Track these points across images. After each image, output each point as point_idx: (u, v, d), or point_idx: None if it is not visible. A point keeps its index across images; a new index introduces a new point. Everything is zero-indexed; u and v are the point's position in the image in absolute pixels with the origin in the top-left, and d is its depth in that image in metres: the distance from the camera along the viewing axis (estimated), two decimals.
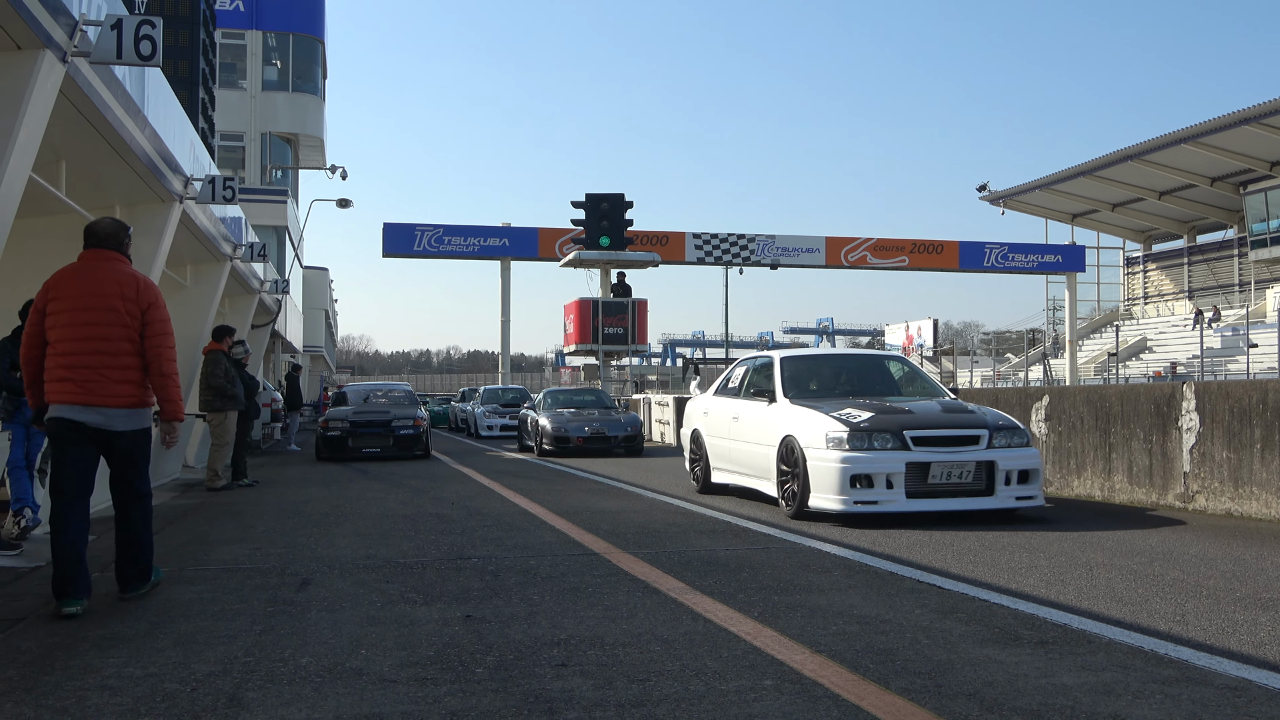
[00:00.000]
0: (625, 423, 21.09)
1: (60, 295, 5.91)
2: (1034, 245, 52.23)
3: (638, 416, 21.64)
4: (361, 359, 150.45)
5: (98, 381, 5.84)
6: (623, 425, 20.96)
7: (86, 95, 8.44)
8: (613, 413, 21.87)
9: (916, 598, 6.04)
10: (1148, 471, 10.95)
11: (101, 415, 5.88)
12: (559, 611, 5.74)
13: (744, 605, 5.85)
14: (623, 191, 30.95)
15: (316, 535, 9.14)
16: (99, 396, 5.84)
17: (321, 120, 40.86)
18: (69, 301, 5.88)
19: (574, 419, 21.07)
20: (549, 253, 44.75)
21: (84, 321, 5.85)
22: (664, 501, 11.73)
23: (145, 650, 4.99)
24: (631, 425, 21.03)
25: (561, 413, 21.53)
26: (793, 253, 47.97)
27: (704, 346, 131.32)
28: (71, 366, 5.83)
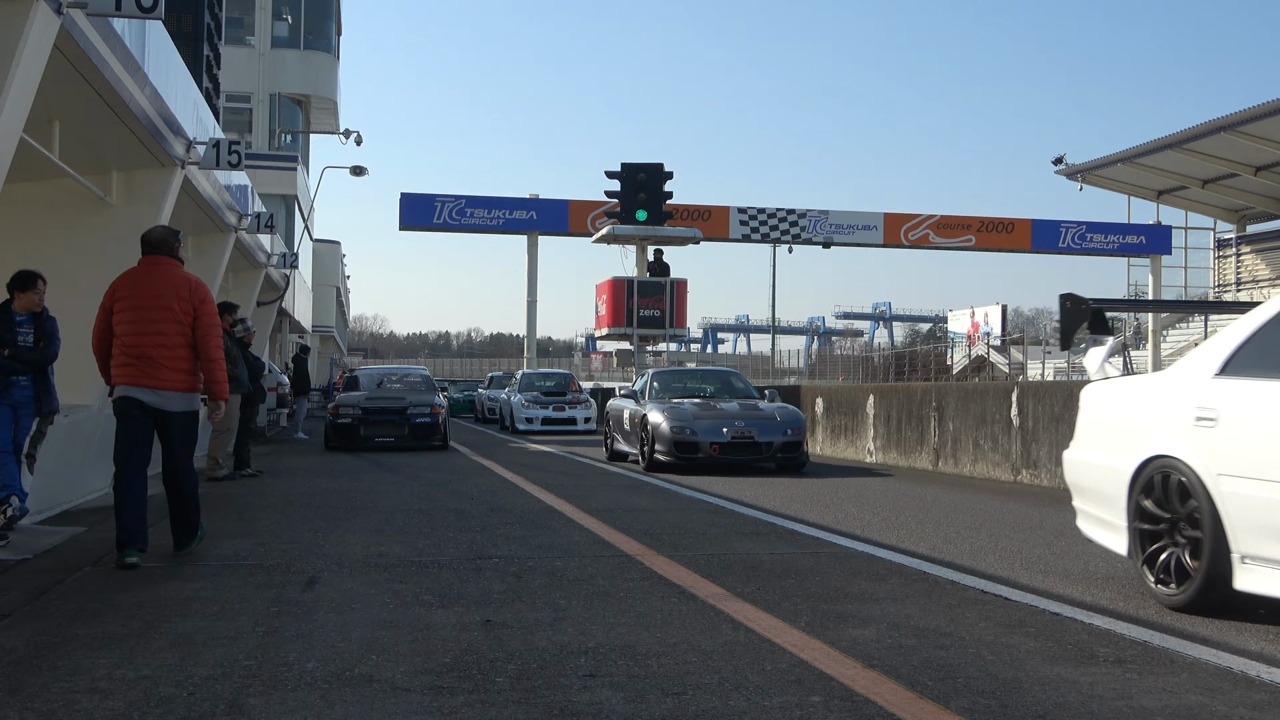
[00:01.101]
0: (782, 421, 15.67)
1: (124, 295, 7.63)
2: (1115, 225, 51.70)
3: (798, 412, 16.16)
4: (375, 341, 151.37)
5: (155, 368, 7.52)
6: (778, 426, 15.58)
7: (83, 50, 8.50)
8: (759, 406, 16.42)
9: (980, 609, 6.00)
10: None
11: (158, 396, 7.54)
12: (587, 617, 5.75)
13: (789, 614, 5.83)
14: (662, 161, 30.87)
15: (324, 530, 9.20)
16: (156, 380, 7.52)
17: (335, 81, 41.03)
18: (131, 301, 7.58)
19: (703, 414, 15.81)
20: (580, 227, 44.75)
21: (144, 319, 7.54)
22: (703, 500, 11.72)
23: (139, 651, 5.03)
24: (791, 426, 15.64)
25: (681, 405, 16.22)
26: (847, 230, 47.74)
27: (748, 332, 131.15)
28: (134, 356, 7.52)
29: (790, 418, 15.80)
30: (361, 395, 21.36)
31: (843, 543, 8.56)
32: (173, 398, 7.58)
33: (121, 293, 7.68)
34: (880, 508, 11.10)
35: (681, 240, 32.10)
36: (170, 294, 7.59)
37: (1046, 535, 9.13)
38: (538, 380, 30.80)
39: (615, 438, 18.00)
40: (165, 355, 7.54)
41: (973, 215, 49.39)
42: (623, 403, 17.87)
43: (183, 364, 7.61)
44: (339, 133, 39.22)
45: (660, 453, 15.53)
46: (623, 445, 17.62)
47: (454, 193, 44.23)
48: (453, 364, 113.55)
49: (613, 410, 18.33)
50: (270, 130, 38.36)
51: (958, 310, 69.39)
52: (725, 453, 15.37)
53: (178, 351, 7.58)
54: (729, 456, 15.40)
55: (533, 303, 45.64)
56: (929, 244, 48.95)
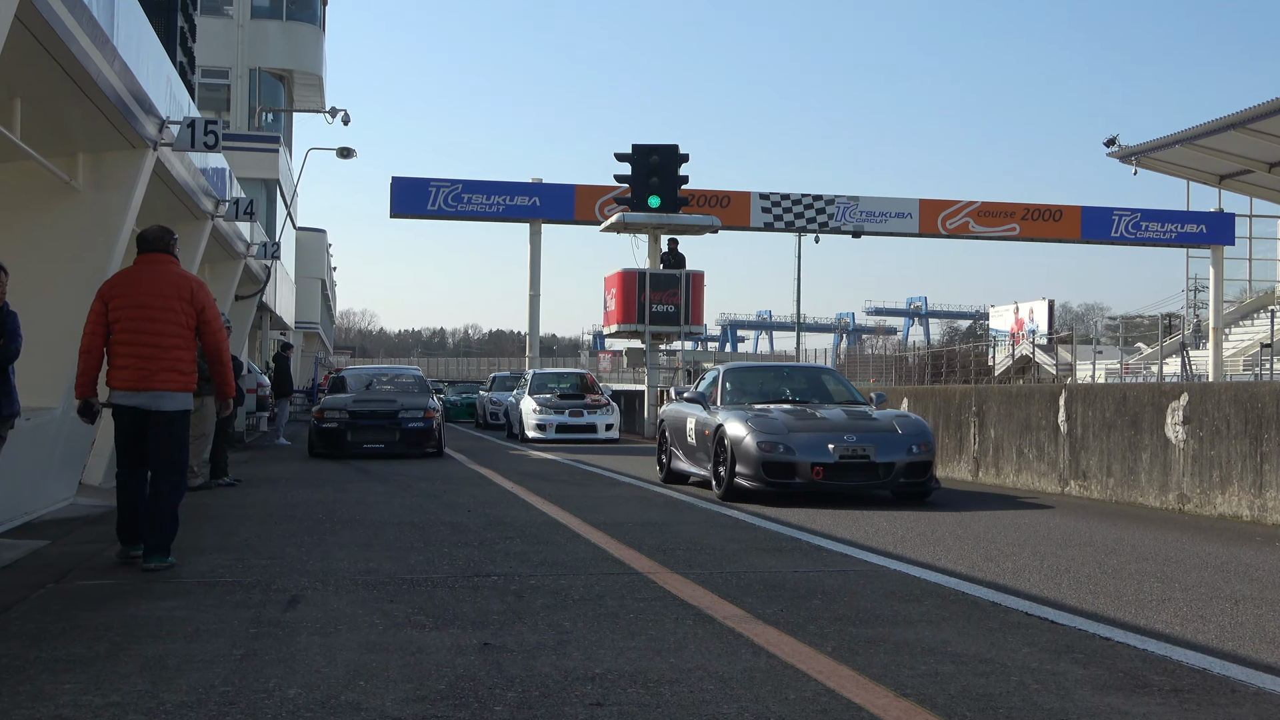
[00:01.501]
0: (905, 435, 13.02)
1: (121, 294, 8.07)
2: (1172, 212, 51.57)
3: (922, 422, 13.58)
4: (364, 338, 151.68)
5: (153, 369, 8.02)
6: (899, 441, 12.91)
7: (46, 21, 8.52)
8: (870, 414, 13.77)
9: (1024, 633, 6.00)
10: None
11: (149, 397, 8.04)
12: (594, 641, 5.75)
13: (815, 638, 5.83)
14: (676, 143, 30.88)
15: (308, 545, 9.22)
16: (152, 382, 8.02)
17: (321, 55, 41.10)
18: (130, 299, 8.05)
19: (800, 425, 13.09)
20: (587, 215, 44.78)
21: (143, 318, 8.02)
22: (723, 514, 11.72)
23: (107, 675, 5.05)
24: (917, 441, 12.97)
25: (769, 413, 13.46)
26: (879, 218, 47.70)
27: (770, 329, 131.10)
28: (130, 355, 8.02)
29: (914, 430, 13.15)
30: (349, 398, 21.40)
31: (873, 560, 8.55)
32: (164, 397, 8.08)
33: (118, 291, 8.11)
34: (913, 522, 11.08)
35: (698, 229, 32.11)
36: (172, 294, 8.10)
37: (1097, 553, 9.11)
38: (551, 381, 29.36)
39: (674, 454, 15.51)
40: (163, 356, 8.05)
41: (1017, 202, 49.31)
42: (686, 409, 15.30)
43: (181, 365, 8.13)
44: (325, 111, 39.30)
45: (743, 476, 12.79)
46: (684, 464, 15.14)
47: (450, 177, 44.27)
48: (448, 364, 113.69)
49: (671, 418, 15.88)
50: (250, 108, 38.45)
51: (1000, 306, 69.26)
52: (831, 477, 12.57)
53: (175, 353, 8.09)
54: (836, 482, 12.59)
55: (535, 297, 45.66)
56: (969, 233, 48.87)
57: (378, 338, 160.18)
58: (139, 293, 8.08)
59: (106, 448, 13.55)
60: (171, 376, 8.08)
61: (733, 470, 12.96)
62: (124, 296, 8.07)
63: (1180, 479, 12.34)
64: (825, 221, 47.44)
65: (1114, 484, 13.42)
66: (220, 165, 18.20)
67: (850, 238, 48.41)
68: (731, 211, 46.00)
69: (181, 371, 8.13)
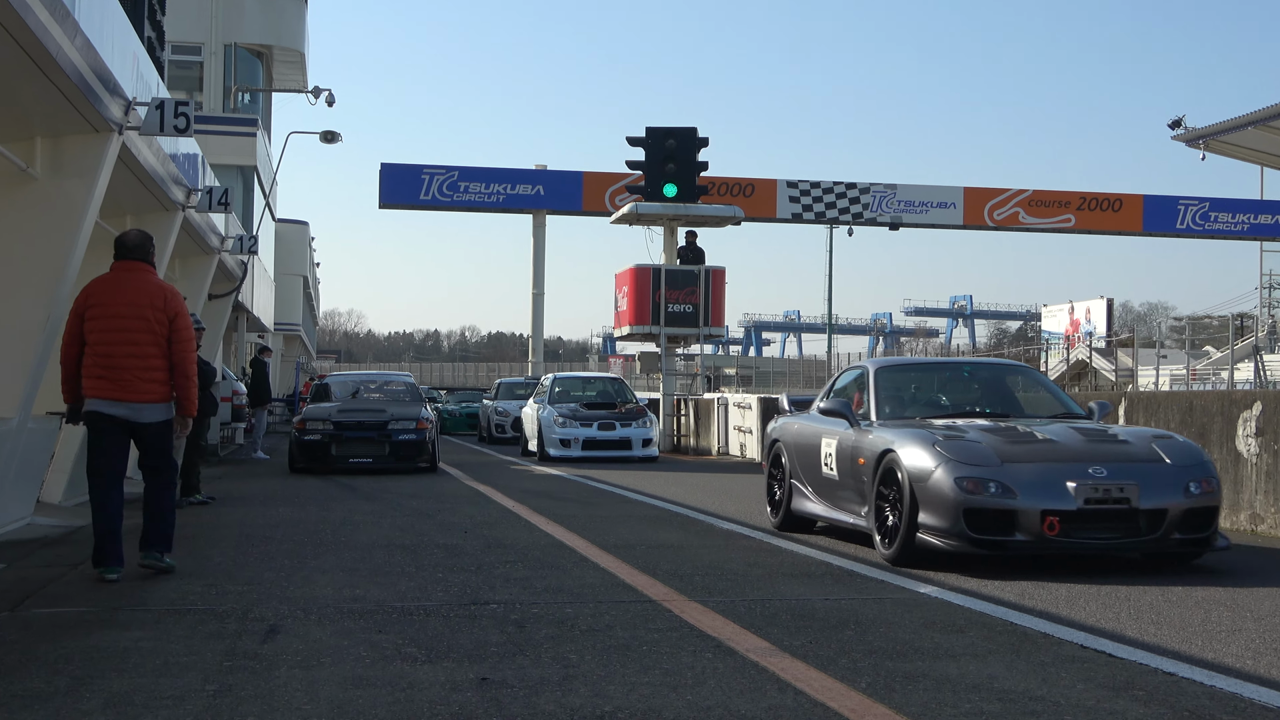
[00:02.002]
0: (1176, 467, 9.68)
1: (99, 303, 8.66)
2: (1245, 201, 51.46)
3: (1194, 446, 10.20)
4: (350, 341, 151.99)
5: (129, 380, 8.59)
6: (1169, 475, 9.61)
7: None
8: (1108, 432, 10.51)
9: (1078, 668, 5.99)
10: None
11: (130, 409, 8.64)
12: (603, 675, 5.76)
13: (848, 673, 5.83)
14: (695, 126, 30.92)
15: (289, 569, 9.24)
16: (129, 393, 8.60)
17: (303, 29, 41.20)
18: (106, 309, 8.63)
19: (1017, 450, 9.76)
20: (596, 205, 44.82)
21: (119, 328, 8.59)
22: (743, 535, 11.72)
23: (67, 712, 5.07)
24: (1196, 476, 9.63)
25: (961, 434, 10.12)
26: (919, 208, 47.67)
27: (799, 331, 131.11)
28: (107, 366, 8.59)
29: (1188, 457, 9.89)
30: (333, 407, 21.43)
31: (912, 586, 8.55)
32: (145, 408, 8.70)
33: (95, 299, 8.75)
34: None
35: (719, 220, 32.13)
36: (145, 302, 8.70)
37: (1159, 580, 9.08)
38: (575, 387, 27.79)
39: (800, 488, 12.07)
40: (138, 366, 8.65)
41: (1071, 190, 49.25)
42: (818, 425, 11.80)
43: (157, 374, 8.73)
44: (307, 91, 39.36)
45: (934, 529, 9.52)
46: (814, 504, 11.76)
47: (445, 163, 44.36)
48: (444, 369, 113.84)
49: (793, 438, 12.37)
50: (225, 88, 38.55)
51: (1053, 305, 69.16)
52: (1073, 531, 9.26)
53: (151, 362, 8.68)
54: (1080, 539, 9.32)
55: (539, 296, 45.73)
56: (1018, 225, 48.81)
57: (365, 341, 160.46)
58: (117, 303, 8.68)
59: (67, 462, 13.60)
60: (150, 387, 8.69)
61: (913, 518, 9.65)
62: (101, 306, 8.69)
63: (1253, 497, 12.31)
64: (859, 212, 47.41)
65: None
66: (192, 151, 18.25)
67: (887, 230, 48.38)
68: (756, 201, 46.00)
69: (160, 381, 8.75)
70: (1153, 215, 49.71)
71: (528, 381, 37.11)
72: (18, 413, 11.05)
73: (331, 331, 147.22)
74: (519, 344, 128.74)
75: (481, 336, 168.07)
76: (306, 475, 19.95)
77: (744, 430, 27.20)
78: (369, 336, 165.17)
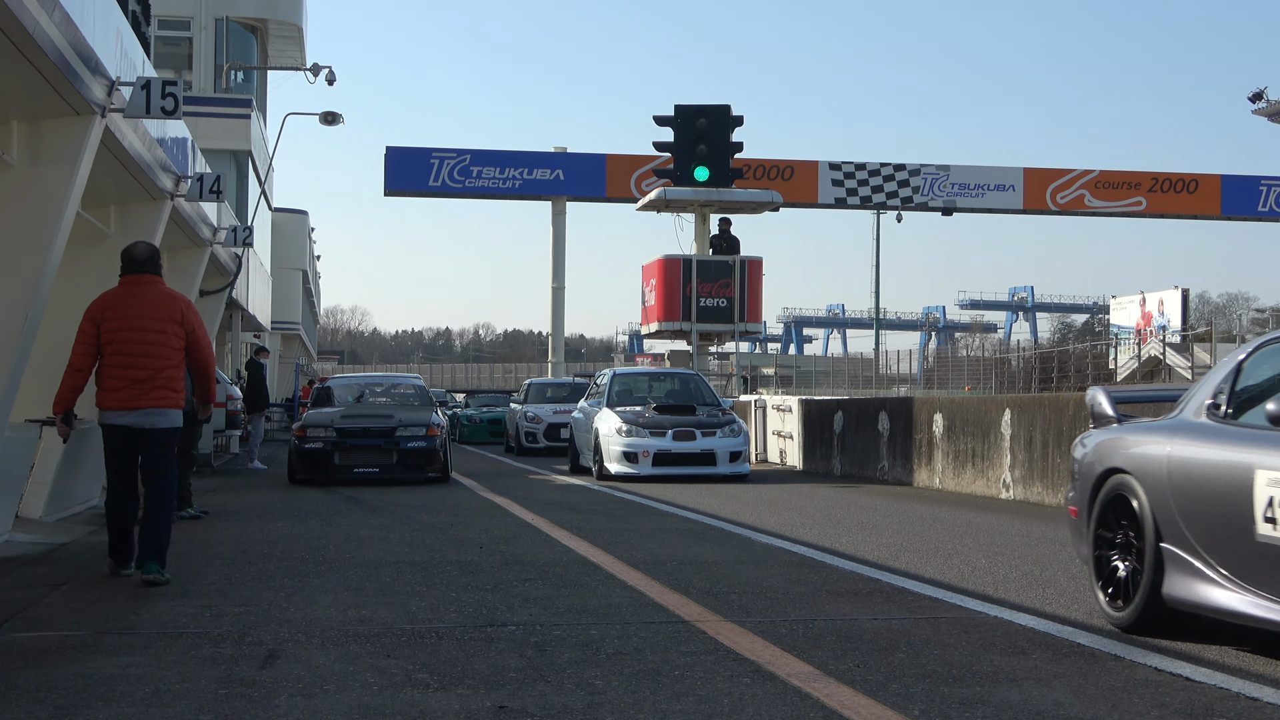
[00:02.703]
0: None
1: (115, 315, 9.58)
2: None
3: None
4: (354, 341, 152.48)
5: (147, 389, 9.57)
6: None
7: None
8: None
9: (1152, 692, 5.97)
10: None
11: (144, 416, 9.60)
12: (631, 703, 5.76)
13: (899, 699, 5.82)
14: (728, 103, 30.89)
15: (289, 589, 9.27)
16: (147, 400, 9.58)
17: (300, 1, 41.33)
18: (124, 321, 9.56)
19: None
20: (621, 190, 44.87)
21: (139, 340, 9.57)
22: (784, 549, 11.71)
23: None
24: None
25: None
26: (975, 191, 47.57)
27: (843, 326, 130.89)
28: (126, 377, 9.55)
29: None
30: (336, 412, 21.48)
31: (969, 605, 8.53)
32: (158, 415, 9.67)
33: (111, 313, 9.63)
34: (1019, 559, 11.04)
35: (755, 206, 32.11)
36: (164, 315, 9.70)
37: None
38: (641, 386, 24.31)
39: (1185, 560, 7.27)
40: (157, 376, 9.62)
41: (1142, 170, 49.10)
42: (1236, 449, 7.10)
43: (174, 383, 9.74)
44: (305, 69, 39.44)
45: None
46: (1230, 593, 6.95)
47: (456, 146, 44.43)
48: (456, 371, 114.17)
49: (1173, 472, 7.49)
50: (216, 66, 38.70)
51: (1123, 296, 68.87)
52: None
53: (168, 373, 9.69)
54: None
55: (559, 290, 45.79)
56: (1084, 208, 48.68)
57: (370, 340, 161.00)
58: (132, 314, 9.61)
59: (48, 474, 13.66)
60: (165, 394, 9.65)
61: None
62: (116, 319, 9.59)
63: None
64: (909, 196, 47.33)
65: None
66: (181, 135, 18.33)
67: (940, 215, 48.32)
68: (795, 185, 45.96)
69: (174, 390, 9.73)
70: (1232, 197, 49.48)
71: (562, 383, 36.53)
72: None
73: (334, 330, 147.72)
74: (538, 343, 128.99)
75: (497, 335, 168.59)
76: (307, 486, 20.00)
77: (784, 435, 27.19)
78: (374, 336, 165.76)
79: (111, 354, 9.60)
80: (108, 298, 9.81)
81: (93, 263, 15.83)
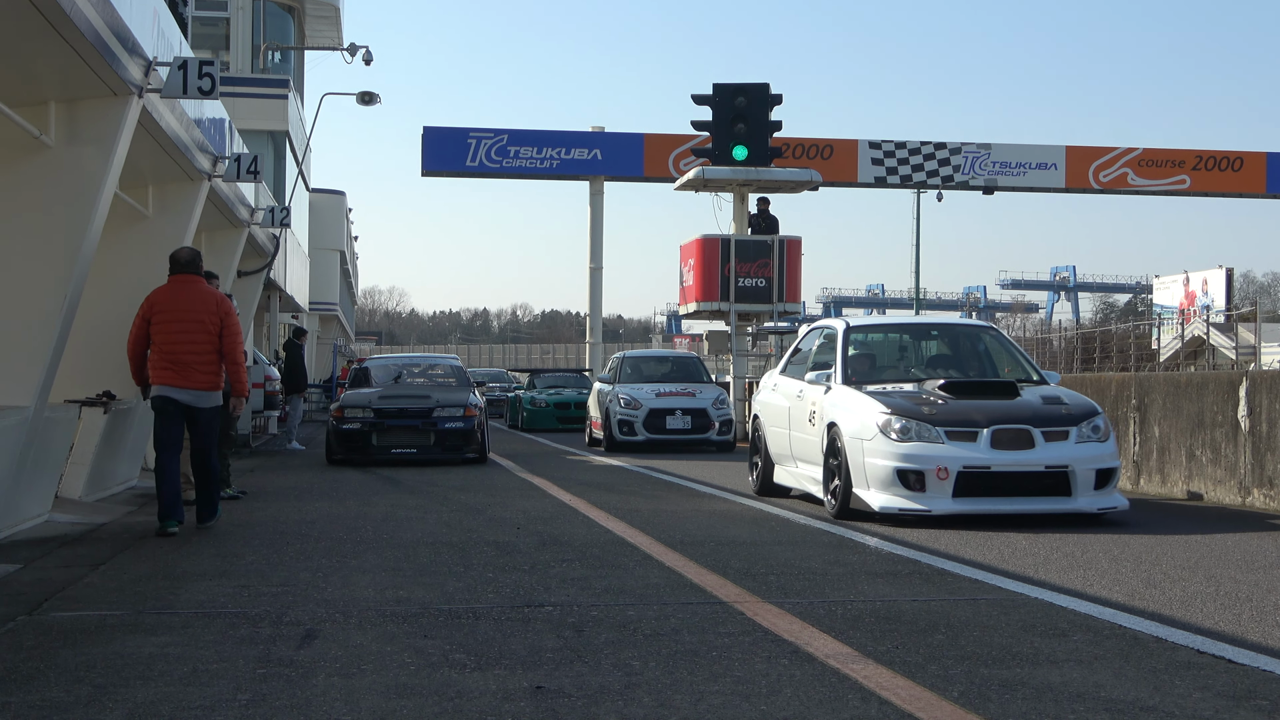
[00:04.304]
0: None
1: (163, 309, 11.61)
2: None
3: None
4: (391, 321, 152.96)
5: (189, 371, 11.52)
6: None
7: None
8: None
9: (1194, 675, 5.94)
10: None
11: (190, 395, 11.57)
12: (668, 684, 5.77)
13: (938, 681, 5.81)
14: (767, 81, 30.80)
15: (326, 569, 9.32)
16: (189, 381, 11.54)
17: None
18: (171, 314, 11.58)
19: None
20: (659, 170, 44.79)
21: (181, 330, 11.55)
22: (827, 531, 11.70)
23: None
24: None
25: None
26: (1016, 170, 47.30)
27: (883, 307, 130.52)
28: (171, 361, 11.52)
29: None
30: (374, 393, 21.55)
31: (1009, 586, 8.50)
32: (203, 395, 11.63)
33: (159, 307, 11.63)
34: (1060, 540, 11.00)
35: (794, 185, 32.01)
36: (202, 309, 11.63)
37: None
38: (891, 349, 15.39)
39: None
40: (197, 361, 11.54)
41: (1187, 148, 48.70)
42: None
43: (211, 367, 11.65)
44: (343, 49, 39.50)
45: None
46: None
47: (493, 126, 44.45)
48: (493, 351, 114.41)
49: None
50: (253, 46, 38.80)
51: (1166, 276, 68.49)
52: None
53: (207, 357, 11.60)
54: None
55: (597, 270, 45.76)
56: (1127, 187, 48.33)
57: (408, 321, 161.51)
58: (178, 309, 11.58)
59: (87, 454, 13.76)
60: (207, 378, 11.61)
61: None
62: (166, 312, 11.57)
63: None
64: (950, 175, 47.10)
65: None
66: (219, 115, 18.39)
67: (981, 194, 48.03)
68: (835, 164, 45.80)
69: (214, 372, 11.67)
70: (1278, 175, 49.04)
71: (665, 356, 30.43)
72: (33, 401, 11.17)
73: (371, 311, 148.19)
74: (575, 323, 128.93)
75: (535, 316, 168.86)
76: (345, 467, 20.09)
77: None
78: (412, 316, 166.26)
79: (159, 342, 11.52)
80: (156, 296, 11.73)
81: (130, 243, 15.92)
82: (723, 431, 24.81)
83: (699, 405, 24.81)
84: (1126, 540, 11.03)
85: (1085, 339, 62.93)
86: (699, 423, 24.61)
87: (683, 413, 24.66)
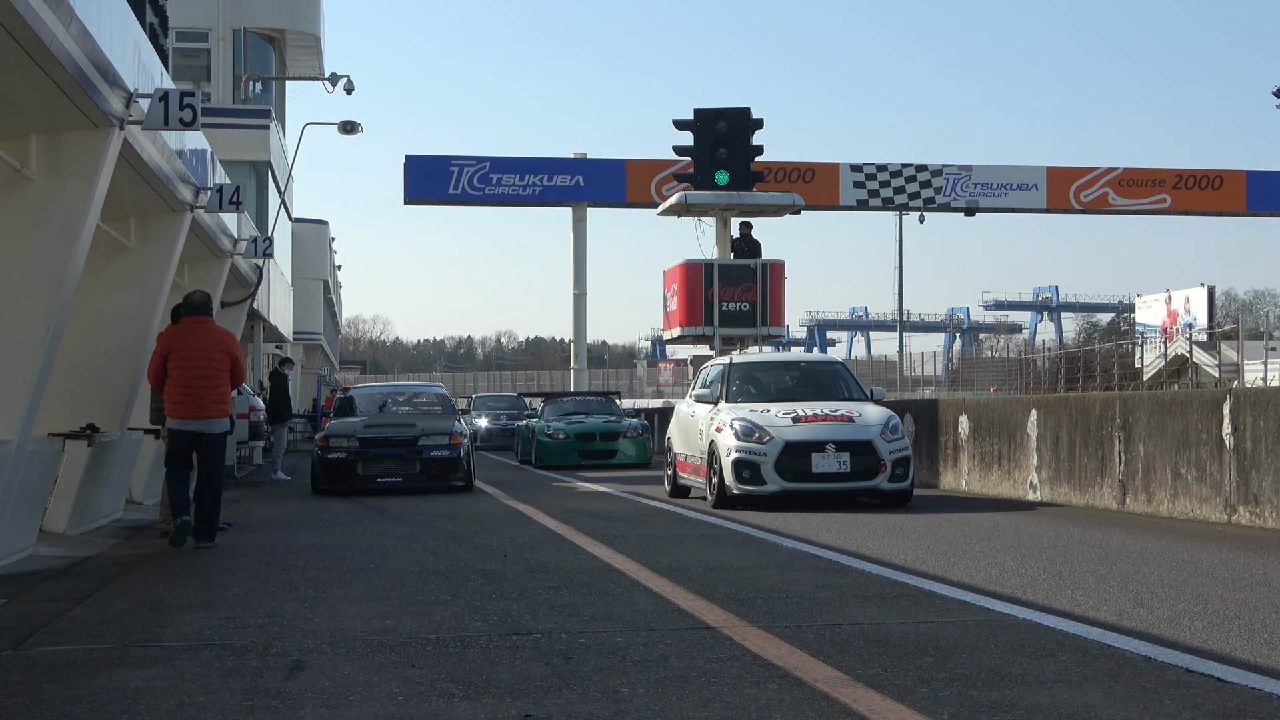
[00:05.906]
0: None
1: (180, 347, 12.93)
2: None
3: None
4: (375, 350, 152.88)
5: (203, 403, 12.90)
6: None
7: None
8: None
9: (1184, 694, 5.94)
10: None
11: (202, 424, 12.92)
12: (658, 710, 5.76)
13: (928, 704, 5.80)
14: (748, 106, 30.88)
15: (313, 599, 9.29)
16: (203, 412, 12.90)
17: (318, 11, 41.43)
18: (186, 352, 12.91)
19: None
20: (641, 195, 44.88)
21: (195, 366, 12.91)
22: (810, 554, 11.70)
23: None
24: None
25: None
26: (997, 191, 47.48)
27: (867, 329, 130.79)
28: (188, 394, 12.87)
29: None
30: (359, 422, 21.53)
31: (997, 607, 8.50)
32: (213, 423, 12.97)
33: (177, 345, 12.95)
34: (1047, 560, 11.01)
35: (776, 209, 32.07)
36: (214, 347, 13.03)
37: (1273, 594, 9.00)
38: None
39: None
40: (210, 393, 12.92)
41: (1167, 168, 48.96)
42: None
43: (222, 398, 13.08)
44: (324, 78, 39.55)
45: None
46: None
47: (475, 154, 44.52)
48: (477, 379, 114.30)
49: None
50: (235, 77, 38.81)
51: (1148, 295, 68.73)
52: None
53: (218, 390, 13.00)
54: None
55: (581, 296, 45.81)
56: (1108, 207, 48.56)
57: (392, 350, 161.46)
58: (192, 347, 12.90)
59: (71, 488, 13.72)
60: (218, 407, 12.99)
61: None
62: (182, 350, 12.89)
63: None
64: (931, 197, 47.29)
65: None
66: (200, 146, 18.38)
67: (963, 216, 48.24)
68: (817, 187, 45.94)
69: (224, 402, 13.10)
70: (1258, 193, 49.30)
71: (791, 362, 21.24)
72: (17, 434, 11.14)
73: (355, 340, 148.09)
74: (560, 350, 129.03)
75: (519, 342, 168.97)
76: (331, 497, 20.05)
77: None
78: (396, 345, 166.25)
79: (176, 376, 12.84)
80: (172, 332, 13.16)
81: (113, 276, 15.91)
82: (898, 476, 16.71)
83: (861, 436, 16.73)
84: (1114, 560, 11.04)
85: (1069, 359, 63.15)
86: (862, 463, 16.60)
87: (836, 447, 16.52)
